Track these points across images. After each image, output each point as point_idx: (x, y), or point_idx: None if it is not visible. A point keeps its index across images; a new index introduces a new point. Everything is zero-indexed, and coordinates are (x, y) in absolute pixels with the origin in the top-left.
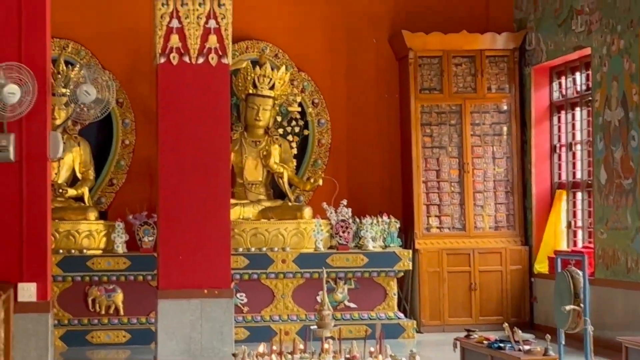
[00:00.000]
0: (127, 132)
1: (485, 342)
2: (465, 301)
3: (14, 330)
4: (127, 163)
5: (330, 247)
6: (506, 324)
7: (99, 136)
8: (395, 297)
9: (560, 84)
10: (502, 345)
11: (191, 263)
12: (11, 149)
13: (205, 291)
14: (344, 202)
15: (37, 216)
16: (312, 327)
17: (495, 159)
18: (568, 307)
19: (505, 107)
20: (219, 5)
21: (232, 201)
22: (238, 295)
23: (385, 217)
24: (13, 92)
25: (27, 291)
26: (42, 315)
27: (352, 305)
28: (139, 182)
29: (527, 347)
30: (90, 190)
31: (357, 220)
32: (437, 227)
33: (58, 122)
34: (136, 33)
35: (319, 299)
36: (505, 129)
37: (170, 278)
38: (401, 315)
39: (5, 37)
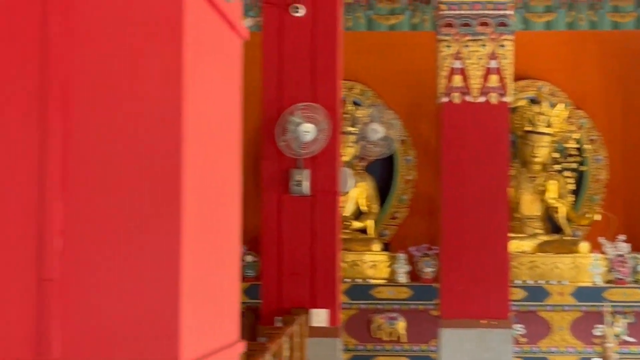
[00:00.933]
0: (409, 168)
1: None
2: None
3: (308, 353)
4: (408, 198)
5: (608, 282)
6: None
7: (382, 172)
8: None
9: None
10: None
11: (471, 294)
12: (306, 183)
13: (484, 321)
14: (622, 237)
15: (328, 246)
16: None
17: None
18: None
19: None
20: (501, 46)
21: (510, 235)
22: (516, 326)
23: None
24: (308, 130)
25: (320, 317)
26: (332, 340)
27: (631, 339)
28: (420, 215)
29: None
30: (374, 223)
31: (636, 255)
32: None
33: (346, 158)
34: (417, 74)
35: (595, 332)
36: None
37: (451, 308)
38: None
39: (301, 79)
